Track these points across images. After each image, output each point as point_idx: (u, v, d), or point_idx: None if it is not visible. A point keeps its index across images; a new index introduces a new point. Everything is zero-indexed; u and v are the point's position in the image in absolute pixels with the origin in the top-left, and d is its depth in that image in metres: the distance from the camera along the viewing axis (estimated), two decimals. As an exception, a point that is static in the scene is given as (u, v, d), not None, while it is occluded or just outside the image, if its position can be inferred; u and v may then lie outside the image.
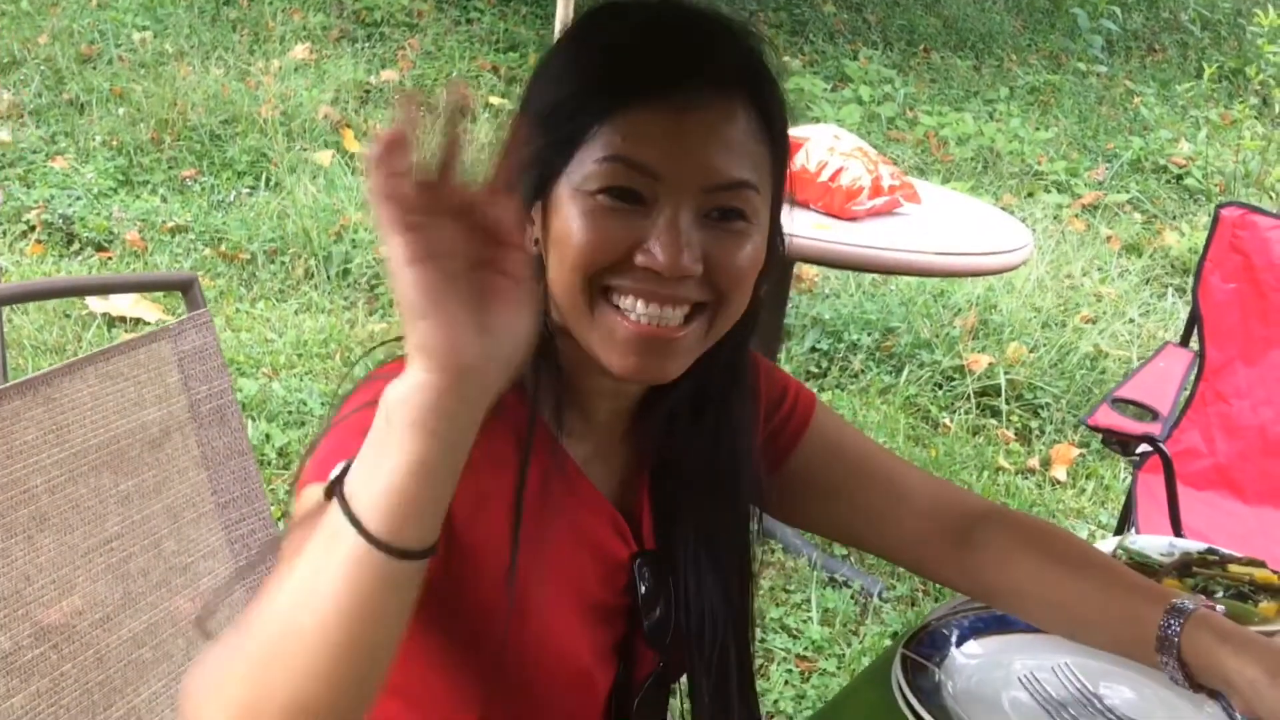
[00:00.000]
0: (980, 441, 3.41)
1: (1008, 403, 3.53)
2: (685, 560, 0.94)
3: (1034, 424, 3.51)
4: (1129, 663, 1.04)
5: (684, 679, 0.99)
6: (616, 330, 0.82)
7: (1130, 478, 2.34)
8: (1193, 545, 1.22)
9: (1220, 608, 1.07)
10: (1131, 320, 4.06)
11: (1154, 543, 1.21)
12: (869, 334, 3.76)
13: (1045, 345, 3.82)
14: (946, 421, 3.47)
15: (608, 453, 0.93)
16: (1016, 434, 3.46)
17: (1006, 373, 3.61)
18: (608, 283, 0.82)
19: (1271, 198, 4.91)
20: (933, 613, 1.11)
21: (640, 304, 0.81)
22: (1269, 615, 1.10)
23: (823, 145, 2.54)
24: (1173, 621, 0.87)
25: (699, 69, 0.83)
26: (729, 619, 0.96)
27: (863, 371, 3.64)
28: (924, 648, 1.04)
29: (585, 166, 0.81)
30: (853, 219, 2.49)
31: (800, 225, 2.44)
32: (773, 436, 1.02)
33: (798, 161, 2.57)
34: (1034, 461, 3.33)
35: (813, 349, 3.71)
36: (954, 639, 1.06)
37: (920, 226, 2.54)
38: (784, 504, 1.04)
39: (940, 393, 3.59)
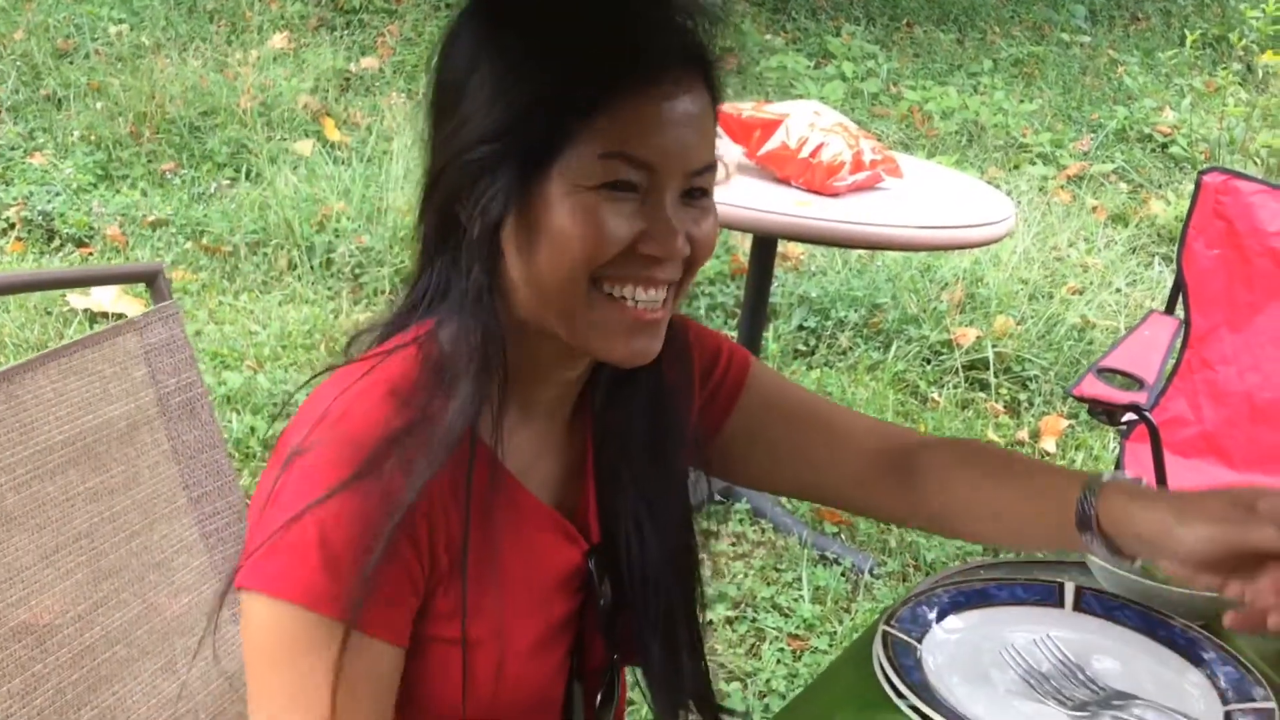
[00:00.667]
0: (969, 415, 3.40)
1: (996, 376, 3.53)
2: (627, 527, 0.94)
3: (1022, 396, 3.50)
4: (1114, 634, 1.04)
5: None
6: (617, 319, 0.82)
7: (1118, 448, 2.33)
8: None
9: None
10: (1118, 290, 4.06)
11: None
12: (856, 311, 3.75)
13: (1032, 317, 3.81)
14: (935, 396, 3.46)
15: (547, 447, 0.92)
16: (1005, 406, 3.46)
17: (994, 346, 3.60)
18: (604, 274, 0.82)
19: (1256, 164, 4.90)
20: (915, 588, 1.10)
21: (640, 291, 0.82)
22: (1253, 581, 1.09)
23: (803, 121, 2.52)
24: (1088, 495, 0.87)
25: (682, 55, 0.82)
26: (673, 582, 0.96)
27: (850, 348, 3.63)
28: (905, 624, 1.03)
29: (582, 162, 0.79)
30: (834, 195, 2.47)
31: (782, 202, 2.45)
32: (711, 398, 1.02)
33: (778, 138, 2.56)
34: (1023, 434, 3.32)
35: (800, 327, 3.70)
36: (935, 614, 1.05)
37: (902, 200, 2.52)
38: (730, 463, 1.04)
39: (928, 367, 3.58)
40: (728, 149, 2.53)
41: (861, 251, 4.05)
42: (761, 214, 2.35)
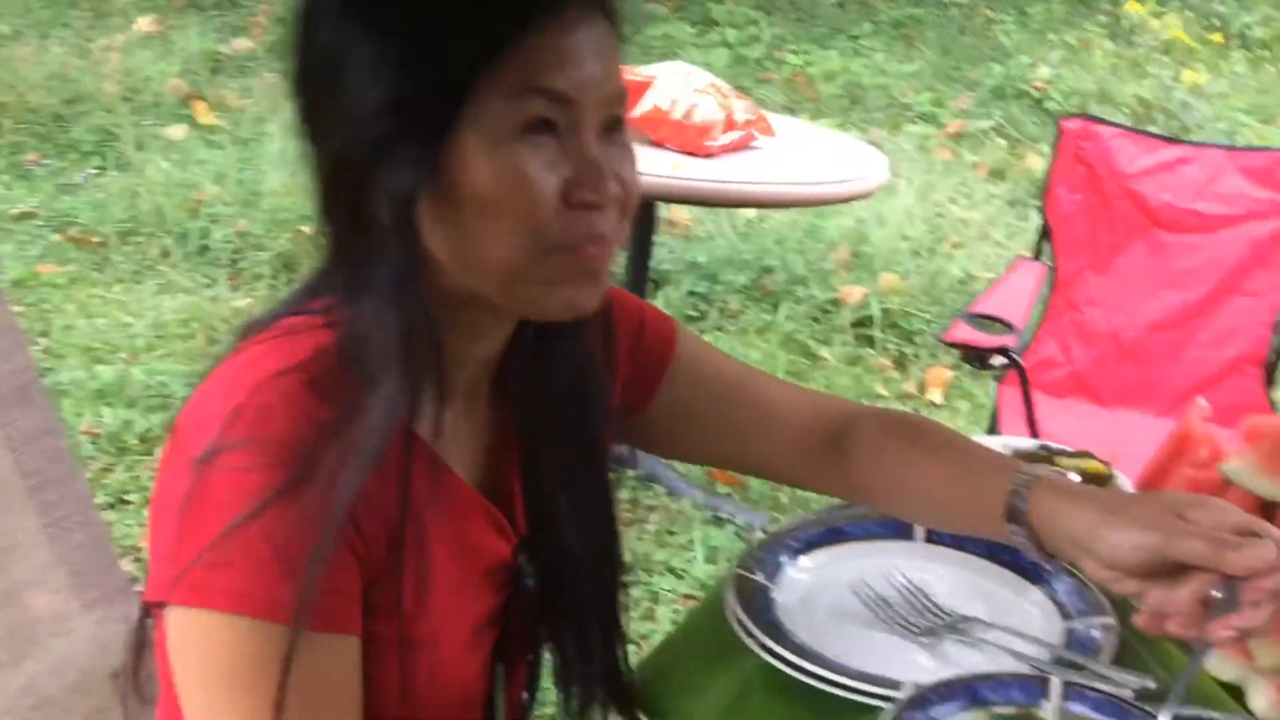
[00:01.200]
0: (858, 371, 3.46)
1: (883, 331, 3.59)
2: (551, 511, 0.91)
3: (909, 350, 3.57)
4: (961, 562, 1.06)
5: None
6: (562, 273, 0.78)
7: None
8: (1025, 443, 1.24)
9: (1074, 475, 1.08)
10: (998, 242, 4.15)
11: (988, 444, 1.23)
12: (744, 274, 3.78)
13: (916, 273, 3.88)
14: (824, 354, 3.51)
15: (471, 430, 0.88)
16: (893, 361, 3.52)
17: (880, 302, 3.66)
18: (546, 240, 0.77)
19: (1125, 113, 5.05)
20: (771, 532, 1.11)
21: (579, 239, 0.78)
22: (1095, 504, 1.12)
23: (674, 83, 2.52)
24: (1019, 490, 0.86)
25: None
26: (595, 570, 0.94)
27: (741, 311, 3.66)
28: (758, 566, 1.03)
29: (491, 109, 0.75)
30: (709, 155, 2.48)
31: (657, 164, 2.44)
32: (637, 371, 0.98)
33: (650, 100, 2.55)
34: (910, 386, 3.39)
35: (690, 293, 3.71)
36: (788, 555, 1.05)
37: (776, 159, 2.54)
38: (660, 438, 1.01)
39: (817, 326, 3.63)
40: (600, 114, 2.51)
41: (749, 215, 4.09)
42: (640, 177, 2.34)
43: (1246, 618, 0.76)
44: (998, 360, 2.19)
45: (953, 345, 2.15)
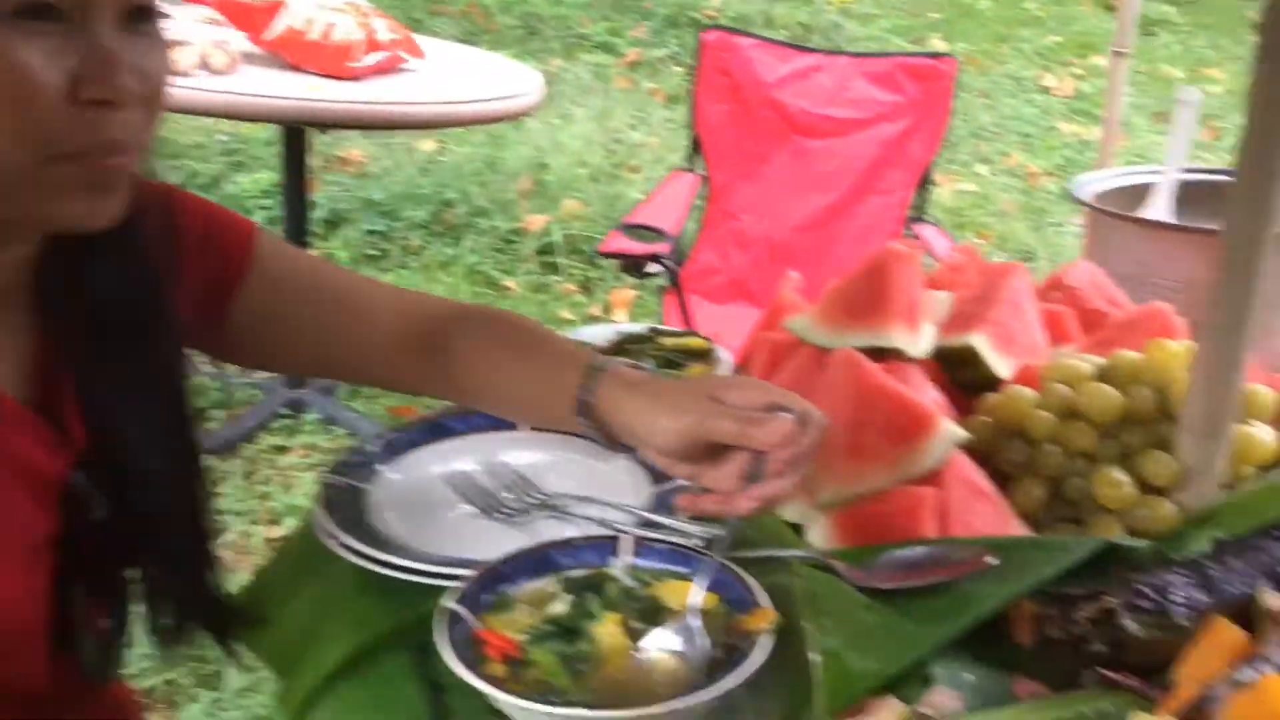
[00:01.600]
0: (544, 298, 3.47)
1: (566, 257, 3.61)
2: (115, 426, 0.83)
3: (593, 274, 3.62)
4: (560, 443, 1.06)
5: None
6: (71, 184, 0.71)
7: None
8: (635, 327, 1.25)
9: (647, 365, 1.10)
10: (673, 165, 4.25)
11: (600, 332, 1.23)
12: (425, 209, 3.70)
13: (597, 198, 3.93)
14: (510, 284, 3.50)
15: (10, 340, 0.79)
16: (578, 286, 3.56)
17: (563, 229, 3.68)
18: (54, 147, 0.69)
19: (787, 36, 5.29)
20: (372, 436, 1.07)
21: (92, 141, 0.70)
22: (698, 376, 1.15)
23: (308, 2, 2.39)
24: (588, 384, 0.86)
25: None
26: (174, 487, 0.87)
27: (423, 247, 3.58)
28: (351, 470, 0.99)
29: None
30: (355, 78, 2.38)
31: (296, 88, 2.31)
32: (209, 280, 0.91)
33: (283, 22, 2.41)
34: (596, 309, 3.44)
35: (369, 232, 3.60)
36: (384, 456, 1.02)
37: (428, 81, 2.47)
38: (242, 347, 0.95)
39: (501, 257, 3.61)
40: (232, 36, 2.35)
41: (428, 150, 4.00)
42: (273, 100, 2.22)
43: (772, 487, 0.79)
44: (654, 268, 2.24)
45: (608, 255, 2.18)
